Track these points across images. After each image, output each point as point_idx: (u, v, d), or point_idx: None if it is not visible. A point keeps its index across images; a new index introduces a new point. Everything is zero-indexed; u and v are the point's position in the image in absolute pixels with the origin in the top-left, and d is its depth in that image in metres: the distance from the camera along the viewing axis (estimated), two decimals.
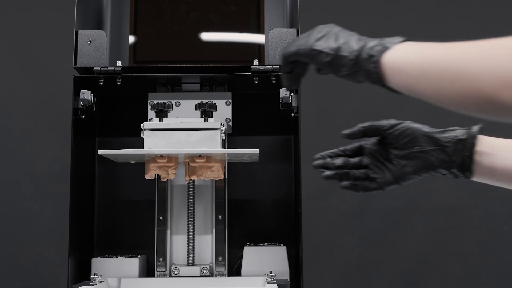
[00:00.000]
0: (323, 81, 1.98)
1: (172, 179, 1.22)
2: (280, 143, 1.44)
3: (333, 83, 2.00)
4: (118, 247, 1.42)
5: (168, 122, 1.20)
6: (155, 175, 1.23)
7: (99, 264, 1.31)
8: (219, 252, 1.35)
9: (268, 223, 1.42)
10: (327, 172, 0.94)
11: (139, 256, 1.36)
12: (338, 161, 0.94)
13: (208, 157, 1.19)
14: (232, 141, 1.43)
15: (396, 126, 0.93)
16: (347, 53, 0.79)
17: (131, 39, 1.41)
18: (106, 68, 1.29)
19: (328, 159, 0.94)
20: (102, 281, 1.21)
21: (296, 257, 1.32)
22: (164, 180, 1.23)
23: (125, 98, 1.44)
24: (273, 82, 1.31)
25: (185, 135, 1.19)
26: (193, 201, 1.35)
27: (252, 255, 1.32)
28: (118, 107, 1.45)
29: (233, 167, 1.41)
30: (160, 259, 1.35)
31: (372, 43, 0.78)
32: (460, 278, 1.99)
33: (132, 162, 1.30)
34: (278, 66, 1.31)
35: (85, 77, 1.30)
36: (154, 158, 1.19)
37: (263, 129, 1.43)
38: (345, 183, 0.95)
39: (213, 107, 1.22)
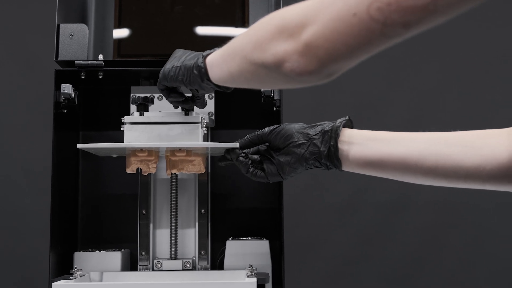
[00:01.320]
0: None
1: (153, 172, 1.22)
2: None
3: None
4: (102, 241, 1.42)
5: (148, 116, 1.20)
6: (137, 169, 1.23)
7: (82, 258, 1.31)
8: (201, 246, 1.35)
9: (253, 217, 1.42)
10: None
11: (122, 250, 1.36)
12: (242, 159, 1.09)
13: (188, 151, 1.19)
14: (215, 135, 1.42)
15: (275, 129, 1.05)
16: (186, 63, 1.01)
17: (116, 33, 1.41)
18: (87, 62, 1.29)
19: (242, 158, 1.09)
20: (83, 275, 1.21)
21: (279, 251, 1.32)
22: (145, 174, 1.23)
23: (109, 92, 1.44)
24: None
25: (165, 129, 1.19)
26: (176, 195, 1.35)
27: (234, 249, 1.32)
28: (102, 101, 1.45)
29: (217, 160, 1.41)
30: (143, 253, 1.35)
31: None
32: (451, 273, 1.99)
33: (114, 156, 1.30)
34: None
35: (67, 71, 1.30)
36: (135, 152, 1.19)
37: (247, 123, 1.43)
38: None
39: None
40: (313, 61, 0.71)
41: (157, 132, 1.19)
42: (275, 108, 1.31)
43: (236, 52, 0.84)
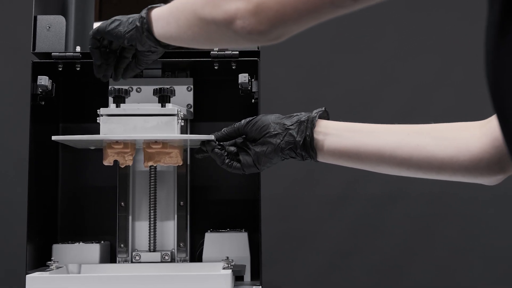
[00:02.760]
0: (283, 67, 1.98)
1: (130, 165, 1.22)
2: None
3: (294, 69, 2.00)
4: (83, 233, 1.41)
5: (124, 108, 1.20)
6: (115, 161, 1.22)
7: (60, 250, 1.31)
8: (180, 238, 1.35)
9: (234, 210, 1.42)
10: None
11: (102, 242, 1.36)
12: (217, 150, 1.08)
13: (164, 143, 1.19)
14: (195, 127, 1.42)
15: (251, 121, 1.05)
16: (129, 17, 1.01)
17: (96, 25, 1.40)
18: (64, 54, 1.29)
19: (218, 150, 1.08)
20: (60, 267, 1.21)
21: (257, 243, 1.32)
22: (122, 166, 1.22)
23: (88, 84, 1.43)
24: (233, 68, 1.31)
25: (141, 121, 1.18)
26: (155, 187, 1.35)
27: (213, 241, 1.32)
28: (82, 93, 1.44)
29: (194, 153, 1.41)
30: (122, 245, 1.35)
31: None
32: (443, 264, 1.99)
33: (92, 148, 1.30)
34: (238, 52, 1.30)
35: (44, 63, 1.30)
36: (110, 144, 1.18)
37: (226, 115, 1.43)
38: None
39: (171, 92, 1.21)
40: (263, 21, 0.72)
41: (133, 124, 1.18)
42: (253, 100, 1.31)
43: (186, 6, 0.83)
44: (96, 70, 1.08)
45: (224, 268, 1.17)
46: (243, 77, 1.27)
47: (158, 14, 0.94)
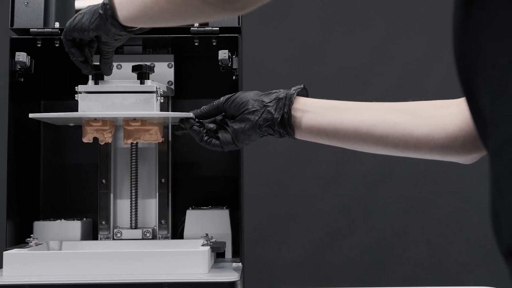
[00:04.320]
0: (265, 43, 1.97)
1: (109, 142, 1.21)
2: None
3: (278, 47, 1.99)
4: (65, 211, 1.41)
5: (103, 85, 1.19)
6: (95, 139, 1.22)
7: (41, 228, 1.31)
8: (162, 215, 1.35)
9: (216, 187, 1.42)
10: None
11: (84, 219, 1.36)
12: (196, 128, 1.09)
13: (143, 121, 1.18)
14: (178, 104, 1.41)
15: (230, 98, 1.06)
16: (92, 7, 1.01)
17: (78, 3, 1.39)
18: (43, 30, 1.28)
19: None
20: (40, 244, 1.21)
21: (238, 220, 1.32)
22: (102, 143, 1.22)
23: (70, 61, 1.41)
24: (214, 44, 1.30)
25: (120, 98, 1.18)
26: (136, 164, 1.34)
27: (194, 218, 1.32)
28: (64, 70, 1.43)
29: (174, 130, 1.40)
30: (103, 222, 1.35)
31: None
32: (434, 243, 2.00)
33: (71, 125, 1.29)
34: (218, 28, 1.29)
35: (22, 39, 1.28)
36: (89, 121, 1.18)
37: (208, 92, 1.42)
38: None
39: (150, 69, 1.21)
40: None
41: (112, 101, 1.18)
42: (234, 77, 1.30)
43: None
44: (82, 67, 1.12)
45: (203, 245, 1.17)
46: (223, 54, 1.26)
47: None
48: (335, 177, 2.00)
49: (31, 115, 1.15)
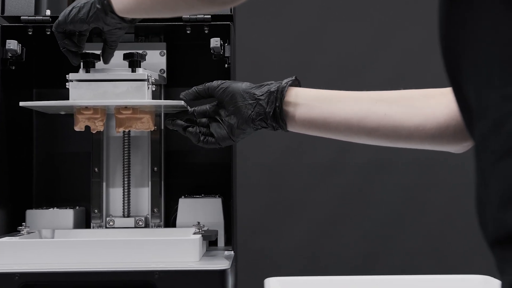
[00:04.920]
0: (258, 31, 1.96)
1: (101, 130, 1.21)
2: None
3: (272, 35, 1.98)
4: (58, 199, 1.41)
5: (94, 73, 1.19)
6: (87, 127, 1.22)
7: (34, 216, 1.31)
8: (154, 203, 1.35)
9: (208, 175, 1.42)
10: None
11: (76, 207, 1.36)
12: (191, 129, 1.09)
13: (135, 109, 1.18)
14: (172, 92, 1.41)
15: (222, 85, 1.05)
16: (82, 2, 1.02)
17: None
18: (34, 17, 1.27)
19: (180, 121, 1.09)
20: (32, 232, 1.21)
21: (230, 209, 1.32)
22: (94, 132, 1.22)
23: None
24: (206, 32, 1.29)
25: (111, 87, 1.17)
26: (129, 152, 1.34)
27: (187, 206, 1.32)
28: (56, 58, 1.42)
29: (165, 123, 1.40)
30: (96, 211, 1.35)
31: None
32: (432, 232, 2.00)
33: (62, 113, 1.29)
34: (210, 16, 1.29)
35: (13, 27, 1.28)
36: (80, 110, 1.18)
37: (201, 80, 1.40)
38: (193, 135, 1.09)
39: (141, 57, 1.20)
40: None
41: (103, 89, 1.17)
42: (226, 65, 1.30)
43: None
44: (72, 57, 1.12)
45: (194, 233, 1.17)
46: (214, 42, 1.25)
47: None
48: (332, 167, 2.00)
49: (21, 103, 1.15)
